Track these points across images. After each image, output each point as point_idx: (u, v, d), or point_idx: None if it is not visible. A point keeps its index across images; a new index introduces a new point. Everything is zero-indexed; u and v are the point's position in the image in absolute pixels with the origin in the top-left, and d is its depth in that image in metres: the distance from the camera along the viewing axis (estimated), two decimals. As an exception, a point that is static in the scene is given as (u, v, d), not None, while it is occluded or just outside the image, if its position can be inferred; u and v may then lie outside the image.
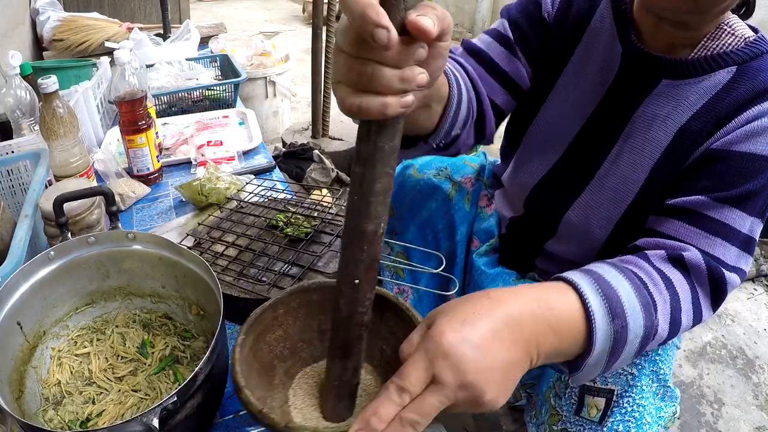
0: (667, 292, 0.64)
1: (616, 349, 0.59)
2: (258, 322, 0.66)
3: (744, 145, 0.69)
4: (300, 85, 3.99)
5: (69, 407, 0.75)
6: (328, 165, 2.24)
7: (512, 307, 0.54)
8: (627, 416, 0.75)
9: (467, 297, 0.56)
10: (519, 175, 0.94)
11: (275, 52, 3.02)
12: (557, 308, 0.57)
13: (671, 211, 0.73)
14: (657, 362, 0.76)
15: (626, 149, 0.80)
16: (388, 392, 0.51)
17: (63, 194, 0.79)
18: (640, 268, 0.66)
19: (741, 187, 0.69)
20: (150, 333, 0.87)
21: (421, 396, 0.50)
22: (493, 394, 0.51)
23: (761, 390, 1.84)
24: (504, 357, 0.52)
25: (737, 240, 0.69)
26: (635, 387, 0.75)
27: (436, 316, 0.55)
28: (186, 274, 0.83)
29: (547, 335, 0.55)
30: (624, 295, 0.60)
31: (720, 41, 0.74)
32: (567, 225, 0.88)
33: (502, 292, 0.56)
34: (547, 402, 0.83)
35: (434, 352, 0.50)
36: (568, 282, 0.60)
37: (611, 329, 0.58)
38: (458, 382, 0.49)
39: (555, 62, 0.86)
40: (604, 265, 0.65)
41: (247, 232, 1.05)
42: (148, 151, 1.36)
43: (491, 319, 0.53)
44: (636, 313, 0.60)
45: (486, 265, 1.00)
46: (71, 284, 0.82)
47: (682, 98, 0.76)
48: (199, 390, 0.69)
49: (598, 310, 0.58)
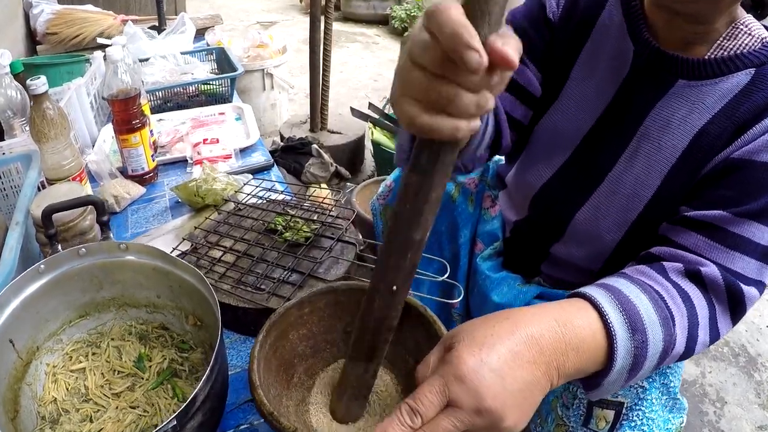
0: (685, 306, 0.63)
1: (636, 364, 0.58)
2: (282, 320, 0.68)
3: (765, 154, 0.67)
4: (298, 76, 3.95)
5: (66, 426, 0.73)
6: (326, 159, 2.21)
7: (532, 328, 0.53)
8: (636, 429, 0.73)
9: (486, 318, 0.55)
10: (525, 176, 0.92)
11: (272, 44, 2.98)
12: (578, 326, 0.55)
13: (690, 223, 0.70)
14: (667, 375, 0.74)
15: (640, 152, 0.78)
16: (400, 414, 0.50)
17: (51, 205, 0.77)
18: (657, 282, 0.64)
19: (762, 199, 0.67)
20: (147, 345, 0.85)
21: (435, 419, 0.49)
22: (513, 420, 0.49)
23: (763, 388, 1.84)
24: (524, 379, 0.50)
25: (757, 253, 0.67)
26: (645, 400, 0.73)
27: (454, 340, 0.53)
28: (181, 284, 0.80)
29: (568, 355, 0.53)
30: (643, 309, 0.58)
31: (737, 41, 0.71)
32: (575, 228, 0.85)
33: (521, 313, 0.55)
34: (553, 411, 0.81)
35: (451, 375, 0.49)
36: (586, 298, 0.58)
37: (632, 345, 0.57)
38: (475, 406, 0.48)
39: (563, 62, 0.83)
40: (621, 279, 0.63)
41: (245, 236, 1.03)
42: (142, 150, 1.32)
43: (511, 342, 0.51)
44: (655, 328, 0.58)
45: (490, 269, 0.97)
46: (63, 297, 0.79)
47: (698, 100, 0.73)
48: (199, 411, 0.66)
49: (618, 327, 0.56)
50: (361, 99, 3.78)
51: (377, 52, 4.89)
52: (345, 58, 4.66)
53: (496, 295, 0.94)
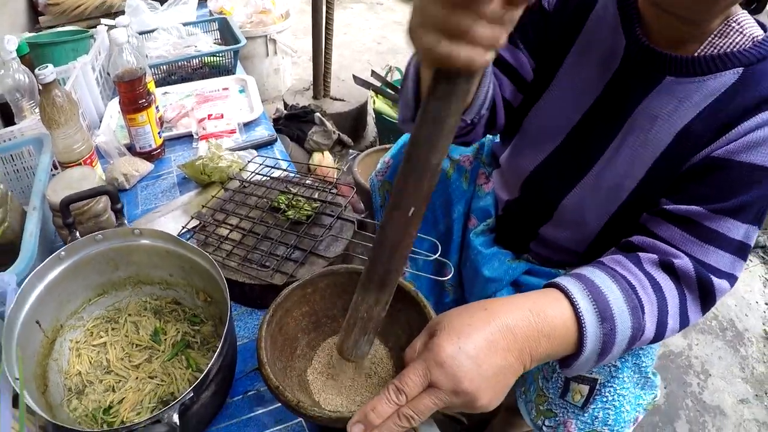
0: (655, 296, 0.67)
1: (604, 350, 0.63)
2: (287, 299, 0.74)
3: (745, 155, 0.69)
4: (301, 38, 3.91)
5: (91, 396, 0.80)
6: (329, 127, 2.23)
7: (506, 317, 0.58)
8: (607, 404, 0.79)
9: (466, 308, 0.61)
10: (516, 159, 0.95)
11: (275, 9, 2.96)
12: (550, 315, 0.60)
13: (668, 215, 0.73)
14: (639, 355, 0.79)
15: (626, 145, 0.80)
16: (387, 392, 0.57)
17: (69, 197, 0.82)
18: (631, 272, 0.68)
19: (739, 197, 0.69)
20: (161, 320, 0.92)
21: (418, 397, 0.56)
22: (485, 400, 0.56)
23: (748, 363, 1.85)
24: (497, 364, 0.56)
25: (731, 247, 0.71)
26: (617, 378, 0.79)
27: (437, 327, 0.59)
28: (192, 265, 0.86)
29: (540, 341, 0.59)
30: (613, 299, 0.63)
31: (728, 39, 0.72)
32: (562, 213, 0.89)
33: (498, 304, 0.60)
34: (535, 382, 0.87)
35: (432, 361, 0.56)
36: (560, 289, 0.63)
37: (600, 332, 0.62)
38: (453, 388, 0.55)
39: (556, 51, 0.85)
40: (596, 269, 0.67)
41: (250, 214, 1.08)
42: (149, 128, 1.37)
43: (486, 331, 0.57)
44: (624, 316, 0.63)
45: (482, 245, 1.02)
46: (83, 279, 0.85)
47: (685, 97, 0.74)
48: (213, 381, 0.73)
49: (588, 316, 0.61)
50: (364, 63, 3.75)
51: (382, 13, 4.81)
52: (349, 20, 4.60)
53: (486, 269, 0.99)
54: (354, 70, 3.61)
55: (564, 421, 0.82)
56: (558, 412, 0.83)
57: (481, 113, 0.74)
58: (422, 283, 1.12)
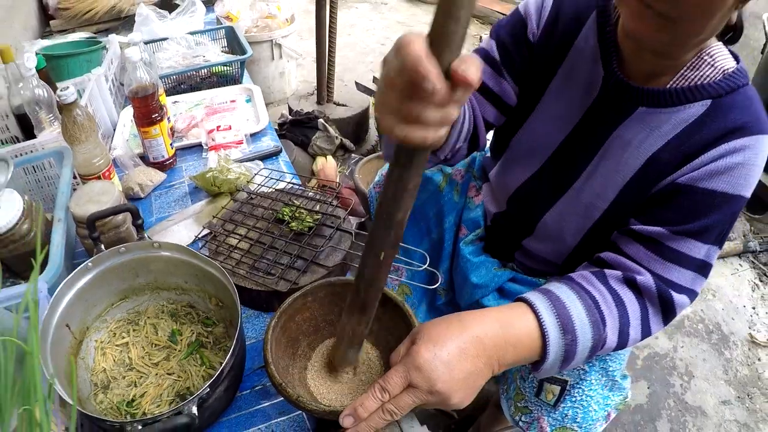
0: (617, 309, 0.75)
1: (567, 357, 0.72)
2: (290, 306, 0.84)
3: (707, 182, 0.74)
4: (306, 39, 3.98)
5: (116, 390, 0.90)
6: (332, 133, 2.32)
7: (477, 329, 0.67)
8: (576, 403, 0.88)
9: (443, 319, 0.70)
10: (504, 176, 1.03)
11: (280, 14, 3.04)
12: (517, 327, 0.69)
13: (636, 235, 0.79)
14: (607, 361, 0.88)
15: (600, 168, 0.86)
16: (373, 390, 0.67)
17: (95, 214, 0.91)
18: (596, 287, 0.76)
19: (700, 221, 0.75)
20: (177, 322, 1.01)
21: (399, 395, 0.66)
22: (457, 399, 0.65)
23: (732, 365, 1.87)
24: (467, 369, 0.65)
25: (693, 265, 0.77)
26: (585, 380, 0.88)
27: (416, 336, 0.68)
28: (205, 274, 0.95)
29: (507, 350, 0.68)
30: (575, 314, 0.72)
31: (699, 72, 0.76)
32: (542, 228, 0.97)
33: (470, 317, 0.70)
34: (514, 382, 0.96)
35: (412, 365, 0.65)
36: (528, 303, 0.72)
37: (563, 342, 0.71)
38: (428, 388, 0.64)
39: (540, 79, 0.90)
40: (563, 285, 0.76)
41: (257, 225, 1.17)
42: (162, 140, 1.45)
43: (459, 340, 0.66)
44: (585, 329, 0.72)
45: (471, 253, 1.11)
46: (107, 286, 0.95)
47: (656, 126, 0.79)
48: (225, 378, 0.83)
49: (551, 328, 0.70)
50: (368, 65, 3.83)
51: (386, 13, 4.88)
52: (353, 20, 4.67)
53: (474, 276, 1.08)
54: (357, 72, 3.69)
55: (538, 417, 0.91)
56: (533, 409, 0.92)
57: (455, 148, 0.82)
58: (417, 288, 1.21)
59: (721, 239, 0.78)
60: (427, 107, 0.49)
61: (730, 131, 0.74)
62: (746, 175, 0.74)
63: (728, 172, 0.73)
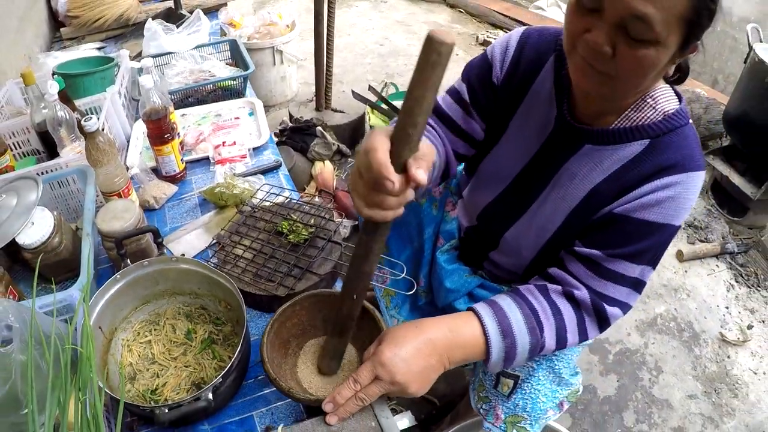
0: (554, 318, 0.90)
1: (508, 357, 0.88)
2: (283, 314, 1.01)
3: (640, 213, 0.85)
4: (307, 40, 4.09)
5: (141, 381, 1.07)
6: (329, 140, 2.48)
7: (430, 332, 0.84)
8: (526, 396, 1.05)
9: (404, 325, 0.87)
10: (474, 195, 1.18)
11: (281, 22, 3.18)
12: (464, 332, 0.86)
13: (577, 255, 0.92)
14: (554, 360, 1.03)
15: (551, 196, 0.99)
16: (348, 382, 0.84)
17: (122, 234, 1.08)
18: (537, 299, 0.91)
19: (634, 245, 0.86)
20: (192, 322, 1.18)
21: (368, 385, 0.83)
22: (414, 388, 0.82)
23: (700, 362, 1.94)
24: (422, 365, 0.82)
25: (628, 282, 0.89)
26: (533, 376, 1.04)
27: (382, 338, 0.85)
28: (215, 282, 1.12)
29: (455, 350, 0.85)
30: (514, 321, 0.88)
31: (641, 113, 0.85)
32: (504, 244, 1.12)
33: (426, 323, 0.86)
34: (478, 375, 1.13)
35: (377, 362, 0.82)
36: (475, 313, 0.89)
37: (503, 345, 0.87)
38: (390, 380, 0.81)
39: (503, 116, 1.03)
40: (508, 297, 0.91)
41: (259, 237, 1.33)
42: (173, 157, 1.62)
43: (415, 341, 0.83)
44: (523, 334, 0.88)
45: (446, 261, 1.27)
46: (132, 293, 1.12)
47: (599, 161, 0.90)
48: (234, 369, 1.00)
49: (493, 333, 0.87)
50: (366, 66, 3.95)
51: (385, 11, 4.98)
52: (353, 20, 4.77)
53: (448, 281, 1.24)
54: (356, 73, 3.82)
55: (495, 406, 1.08)
56: (491, 399, 1.09)
57: (429, 190, 0.98)
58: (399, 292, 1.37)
59: (654, 260, 0.90)
60: (387, 197, 0.66)
61: (664, 168, 0.83)
62: (676, 207, 0.84)
63: (659, 204, 0.84)
